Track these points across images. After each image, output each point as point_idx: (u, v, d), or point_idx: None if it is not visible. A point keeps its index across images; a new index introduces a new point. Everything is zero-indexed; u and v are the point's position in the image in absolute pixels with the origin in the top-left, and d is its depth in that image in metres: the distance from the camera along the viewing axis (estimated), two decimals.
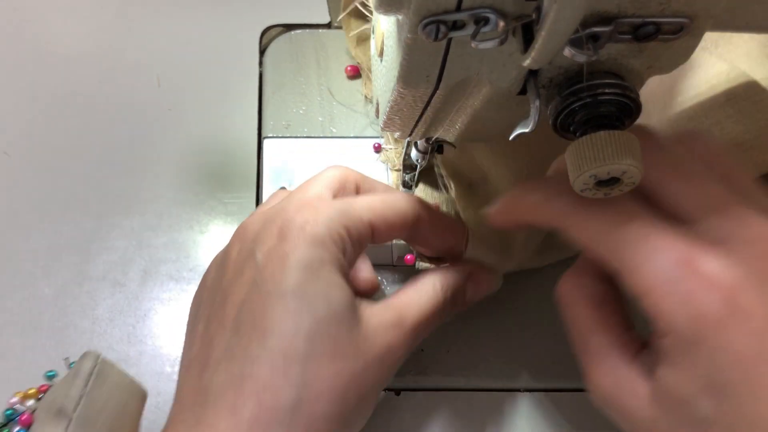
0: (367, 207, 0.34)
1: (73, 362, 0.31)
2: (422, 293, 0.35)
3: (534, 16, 0.23)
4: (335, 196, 0.35)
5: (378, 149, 0.48)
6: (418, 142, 0.41)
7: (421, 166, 0.43)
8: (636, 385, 0.29)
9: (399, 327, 0.33)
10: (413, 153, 0.42)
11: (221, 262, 0.35)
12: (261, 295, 0.30)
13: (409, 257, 0.42)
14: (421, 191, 0.45)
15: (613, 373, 0.30)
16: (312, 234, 0.31)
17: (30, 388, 0.34)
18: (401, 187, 0.45)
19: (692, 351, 0.26)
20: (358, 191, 0.37)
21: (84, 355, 0.32)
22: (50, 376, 0.35)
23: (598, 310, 0.31)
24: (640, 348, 0.30)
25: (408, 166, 0.44)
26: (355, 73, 0.50)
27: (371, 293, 0.40)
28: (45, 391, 0.32)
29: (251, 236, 0.33)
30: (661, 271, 0.26)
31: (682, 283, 0.26)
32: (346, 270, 0.33)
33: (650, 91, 0.37)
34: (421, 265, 0.41)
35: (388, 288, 0.43)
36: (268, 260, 0.31)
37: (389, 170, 0.46)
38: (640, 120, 0.28)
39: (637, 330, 0.31)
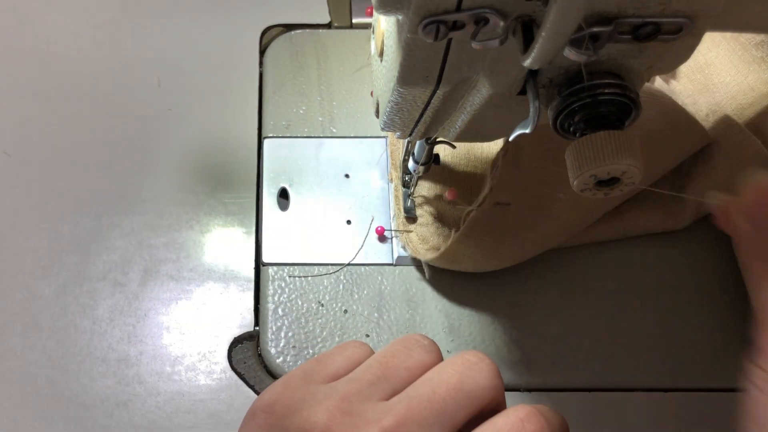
0: None
1: None
2: None
3: (534, 15, 0.23)
4: None
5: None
6: (416, 151, 0.41)
7: (418, 175, 0.43)
8: None
9: None
10: (410, 164, 0.43)
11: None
12: None
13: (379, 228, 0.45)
14: (425, 189, 0.45)
15: None
16: None
17: None
18: (401, 187, 0.45)
19: None
20: None
21: None
22: None
23: None
24: None
25: (407, 168, 0.45)
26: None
27: None
28: None
29: None
30: None
31: None
32: None
33: None
34: None
35: (387, 287, 0.43)
36: None
37: (389, 166, 0.46)
38: None
39: None
